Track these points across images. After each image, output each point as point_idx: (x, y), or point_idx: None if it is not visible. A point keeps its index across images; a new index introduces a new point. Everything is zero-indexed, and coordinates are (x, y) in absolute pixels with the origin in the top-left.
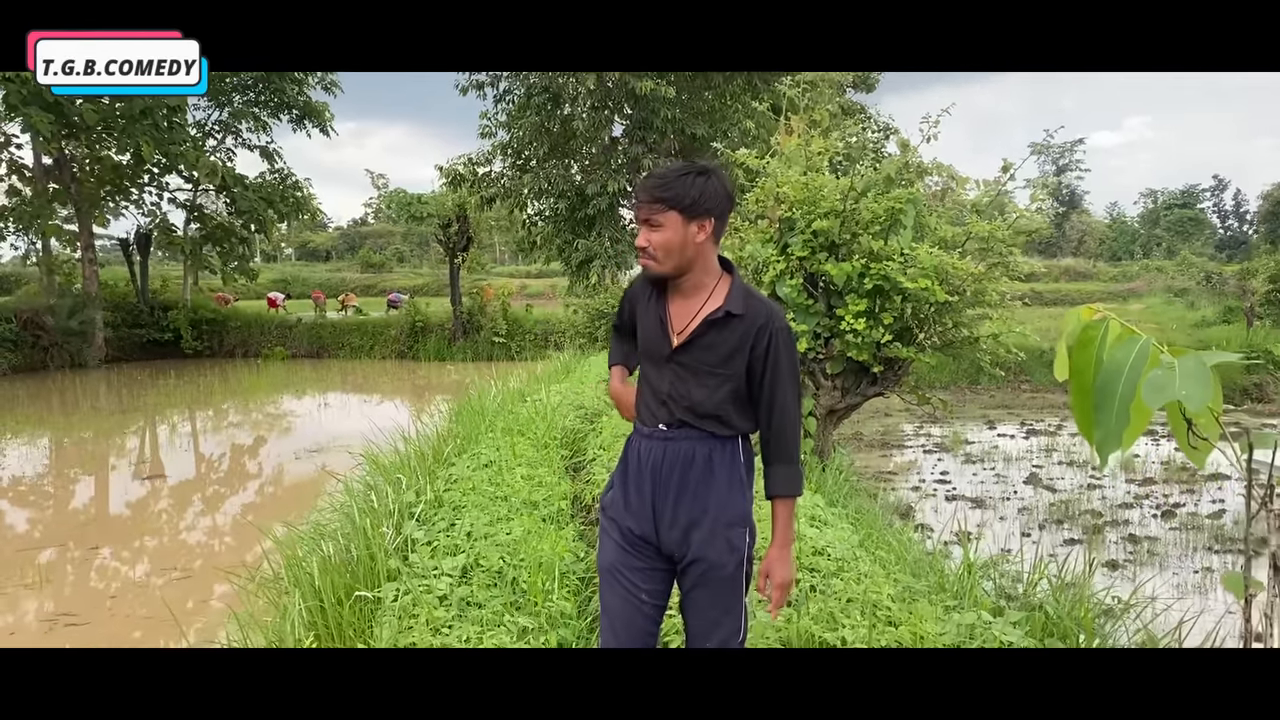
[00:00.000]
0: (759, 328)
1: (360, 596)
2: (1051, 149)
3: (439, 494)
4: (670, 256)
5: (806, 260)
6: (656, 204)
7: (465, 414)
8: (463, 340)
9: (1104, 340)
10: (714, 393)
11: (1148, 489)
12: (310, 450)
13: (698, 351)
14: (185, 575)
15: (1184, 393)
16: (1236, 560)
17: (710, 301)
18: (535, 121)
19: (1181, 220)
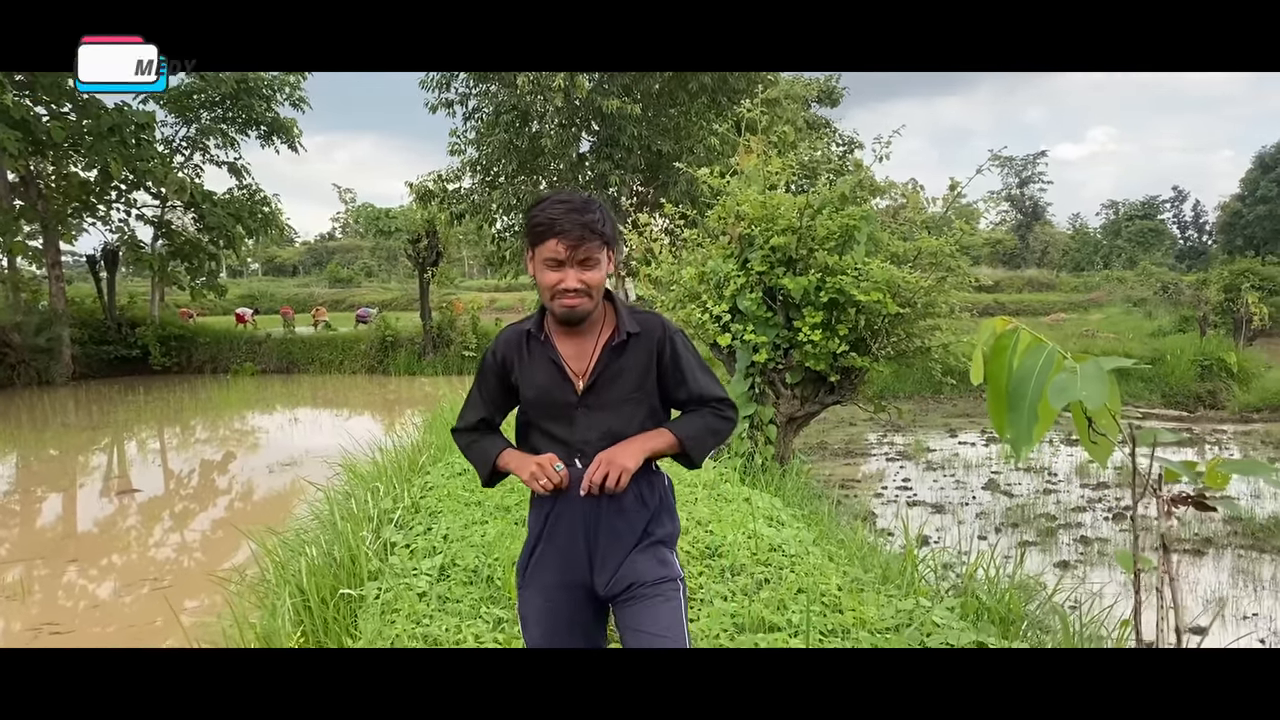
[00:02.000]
0: (658, 340)
1: (345, 594)
2: (1014, 161)
3: (415, 500)
4: (599, 294)
5: (765, 275)
6: (594, 239)
7: (438, 425)
8: (433, 354)
9: (1015, 348)
10: (632, 419)
11: (1100, 493)
12: (283, 464)
13: (607, 385)
14: (161, 586)
15: (1084, 394)
16: (1181, 559)
17: (603, 331)
18: (504, 139)
19: (1142, 231)
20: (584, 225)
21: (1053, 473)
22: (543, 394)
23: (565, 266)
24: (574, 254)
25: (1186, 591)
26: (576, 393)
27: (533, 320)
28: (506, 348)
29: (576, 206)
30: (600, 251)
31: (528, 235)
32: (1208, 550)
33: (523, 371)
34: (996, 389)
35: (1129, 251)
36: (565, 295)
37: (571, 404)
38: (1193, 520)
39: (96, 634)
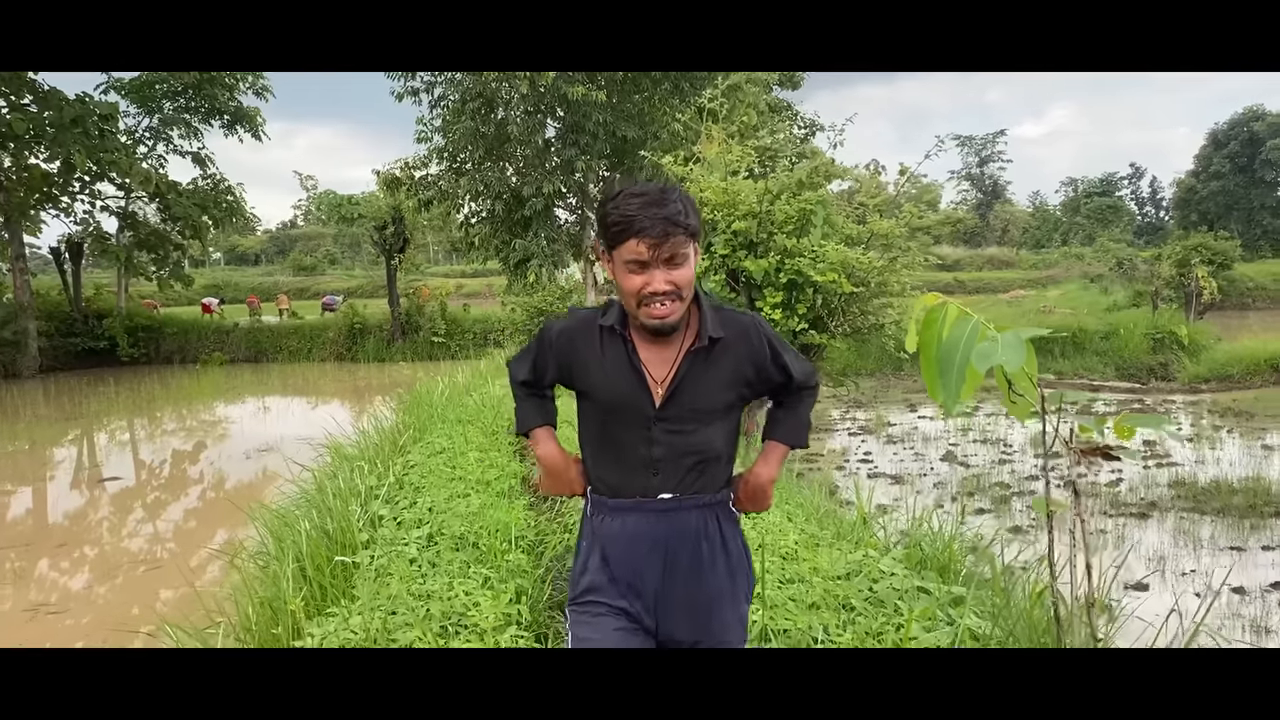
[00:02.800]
0: (756, 346)
1: (340, 561)
2: (974, 141)
3: (399, 477)
4: (689, 295)
5: (728, 258)
6: (679, 233)
7: (416, 407)
8: (402, 341)
9: (944, 320)
10: (720, 432)
11: (1053, 462)
12: (259, 450)
13: (689, 397)
14: (158, 565)
15: (1003, 359)
16: (1128, 521)
17: (687, 335)
18: (470, 126)
19: (1101, 208)
20: (666, 220)
21: (1008, 444)
22: (618, 402)
23: (650, 268)
24: (658, 253)
25: (1135, 552)
26: (654, 403)
27: (613, 314)
28: (580, 335)
29: (654, 199)
30: (687, 246)
31: (603, 236)
32: (1152, 514)
33: (593, 370)
34: (928, 356)
35: (1088, 228)
36: (654, 302)
37: (649, 416)
38: (1140, 486)
39: (98, 612)
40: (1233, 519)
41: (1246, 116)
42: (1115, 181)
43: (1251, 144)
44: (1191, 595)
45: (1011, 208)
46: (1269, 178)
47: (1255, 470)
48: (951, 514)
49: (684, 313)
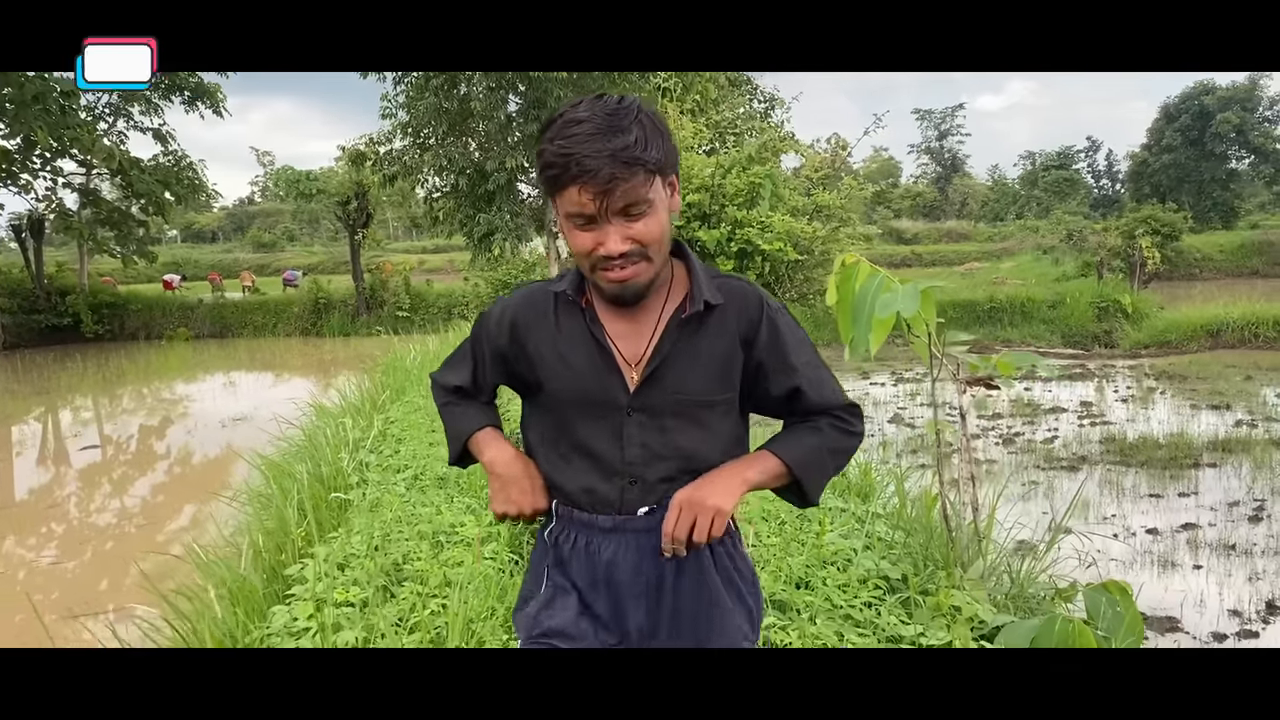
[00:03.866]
0: (752, 315)
1: (336, 498)
2: (933, 115)
3: (382, 430)
4: (662, 252)
5: (683, 228)
6: (635, 171)
7: (392, 371)
8: (367, 315)
9: (857, 275)
10: (716, 433)
11: (995, 422)
12: (234, 419)
13: (675, 379)
14: (147, 523)
15: (902, 306)
16: (1062, 475)
17: (670, 300)
18: (433, 102)
19: (1058, 181)
20: (615, 157)
21: (954, 406)
22: (578, 389)
23: (600, 222)
24: (608, 202)
25: (1058, 499)
26: (628, 388)
27: (568, 279)
28: (523, 309)
29: (601, 126)
30: (647, 187)
31: (541, 181)
32: (1082, 466)
33: (545, 352)
34: (843, 306)
35: (1045, 201)
36: (609, 266)
37: (619, 405)
38: (1073, 442)
39: (109, 558)
40: (1155, 470)
41: (1197, 90)
42: (1072, 155)
43: (1202, 117)
44: (1110, 536)
45: (970, 181)
46: (1218, 151)
47: (1181, 427)
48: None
49: (659, 271)
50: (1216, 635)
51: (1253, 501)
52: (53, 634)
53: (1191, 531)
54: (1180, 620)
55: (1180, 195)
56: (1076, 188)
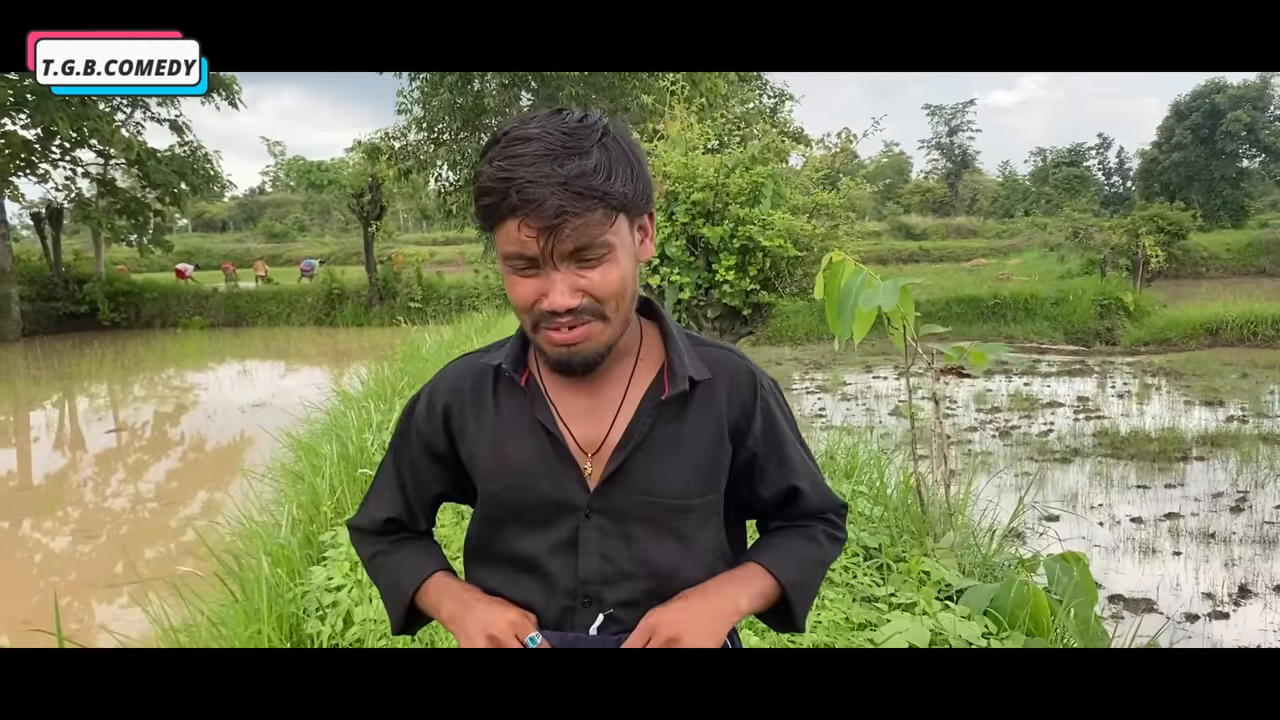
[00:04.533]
0: (745, 397)
1: (362, 473)
2: (944, 110)
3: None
4: (623, 310)
5: (688, 225)
6: (598, 209)
7: (410, 359)
8: (379, 306)
9: (843, 272)
10: (694, 545)
11: (992, 416)
12: (253, 405)
13: (646, 477)
14: (170, 503)
15: (882, 300)
16: (1054, 467)
17: (640, 372)
18: (448, 98)
19: (1068, 178)
20: (565, 185)
21: (953, 400)
22: (518, 486)
23: (544, 268)
24: (555, 242)
25: (1050, 490)
26: (585, 486)
27: (506, 350)
28: (454, 392)
29: (552, 146)
30: (605, 226)
31: (476, 212)
32: (1074, 459)
33: (480, 443)
34: (830, 300)
35: (1056, 198)
36: (554, 325)
37: (572, 507)
38: (1068, 436)
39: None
40: (1145, 463)
41: (1208, 89)
42: (1083, 151)
43: (1213, 116)
44: (1095, 524)
45: (980, 177)
46: (1229, 149)
47: (1173, 422)
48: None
49: (617, 333)
50: (1189, 615)
51: (1236, 493)
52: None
53: (1174, 520)
54: (1156, 601)
55: (1190, 193)
56: (1087, 185)
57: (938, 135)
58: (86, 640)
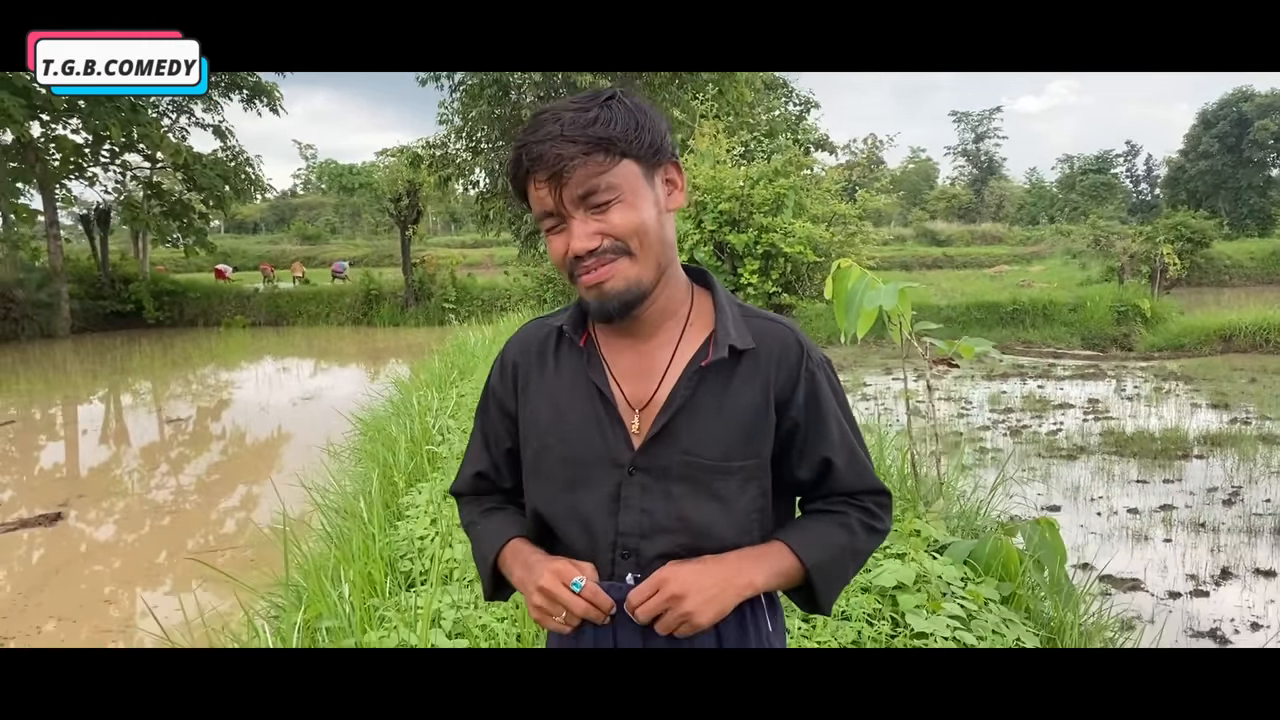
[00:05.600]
0: (791, 368)
1: (429, 450)
2: (970, 117)
3: (456, 401)
4: (650, 250)
5: (716, 232)
6: (597, 153)
7: (457, 353)
8: (415, 307)
9: (849, 275)
10: (732, 507)
11: (1005, 416)
12: (303, 398)
13: (689, 436)
14: (247, 481)
15: (884, 301)
16: (1060, 463)
17: (689, 337)
18: (486, 109)
19: (1095, 185)
20: (565, 136)
21: (969, 401)
22: (571, 439)
23: (565, 219)
24: (564, 189)
25: (1054, 484)
26: (631, 444)
27: (567, 314)
28: (521, 353)
29: (563, 110)
30: (613, 171)
31: (512, 188)
32: (1080, 456)
33: (538, 397)
34: (838, 301)
35: (1083, 205)
36: (583, 269)
37: (618, 463)
38: (1075, 434)
39: (235, 503)
40: (1146, 460)
41: (1235, 97)
42: (1110, 159)
43: (1240, 124)
44: (1094, 514)
45: (1006, 184)
46: (1256, 158)
47: (1178, 423)
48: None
49: (649, 281)
50: (1171, 593)
51: (1230, 488)
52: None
53: (1167, 511)
54: (1143, 581)
55: (1217, 202)
56: (1114, 192)
57: (964, 142)
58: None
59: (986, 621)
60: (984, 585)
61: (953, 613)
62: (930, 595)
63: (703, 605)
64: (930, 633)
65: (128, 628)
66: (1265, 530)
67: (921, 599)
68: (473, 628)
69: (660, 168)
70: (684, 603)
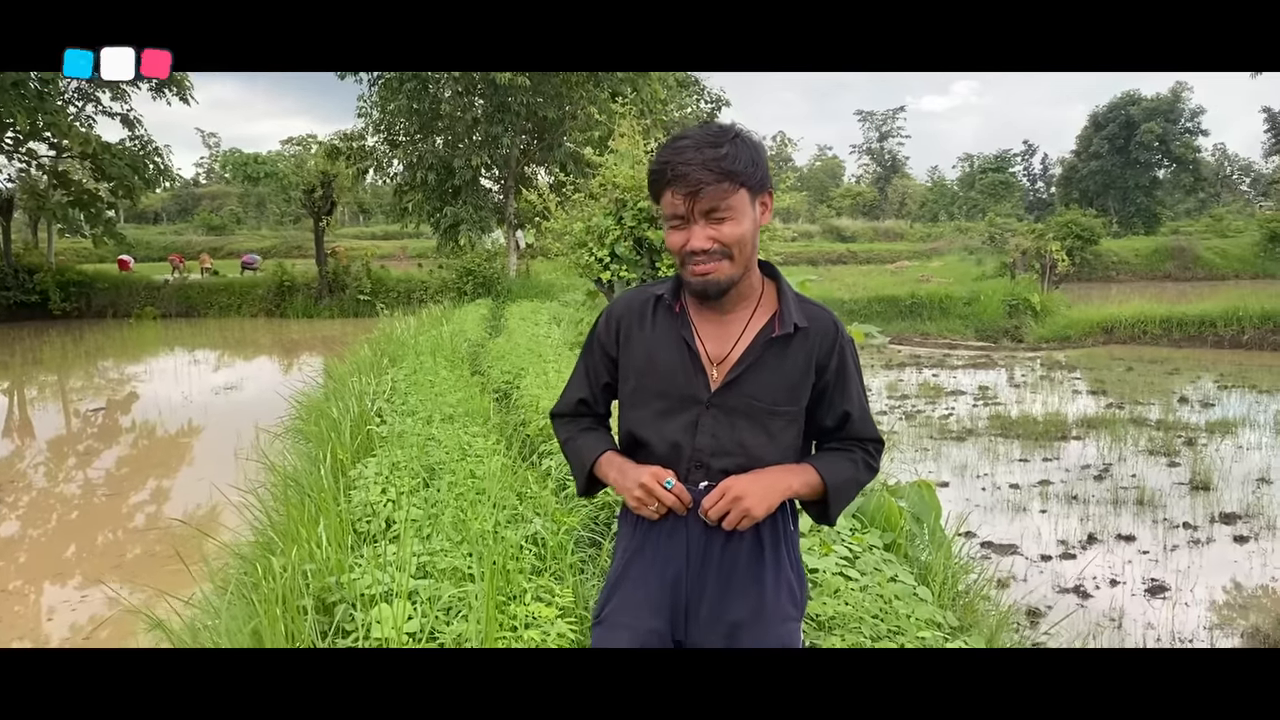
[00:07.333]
0: (830, 342)
1: (371, 430)
2: (875, 116)
3: (390, 386)
4: (744, 256)
5: (635, 228)
6: (722, 181)
7: (386, 342)
8: (329, 299)
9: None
10: (778, 439)
11: (901, 402)
12: (225, 388)
13: (752, 386)
14: (183, 465)
15: None
16: (950, 444)
17: (758, 314)
18: (405, 103)
19: (994, 183)
20: (705, 165)
21: (868, 388)
22: (664, 379)
23: (690, 223)
24: (696, 204)
25: (943, 463)
26: (709, 386)
27: (667, 285)
28: (626, 311)
29: (700, 141)
30: (733, 196)
31: (649, 187)
32: (968, 438)
33: (636, 347)
34: None
35: (982, 203)
36: (694, 261)
37: (699, 400)
38: (965, 419)
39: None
40: (1029, 441)
41: (1124, 100)
42: (1009, 158)
43: (1128, 126)
44: (979, 489)
45: (909, 182)
46: (1142, 159)
47: (1059, 408)
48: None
49: (737, 276)
50: (1043, 556)
51: (1102, 465)
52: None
53: (1045, 486)
54: (1019, 546)
55: (1107, 201)
56: (1012, 190)
57: (869, 140)
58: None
59: (868, 561)
60: (869, 534)
61: (841, 554)
62: (823, 541)
63: (757, 502)
64: (822, 569)
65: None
66: (1129, 501)
67: (815, 543)
68: (440, 566)
69: (761, 194)
70: (744, 501)
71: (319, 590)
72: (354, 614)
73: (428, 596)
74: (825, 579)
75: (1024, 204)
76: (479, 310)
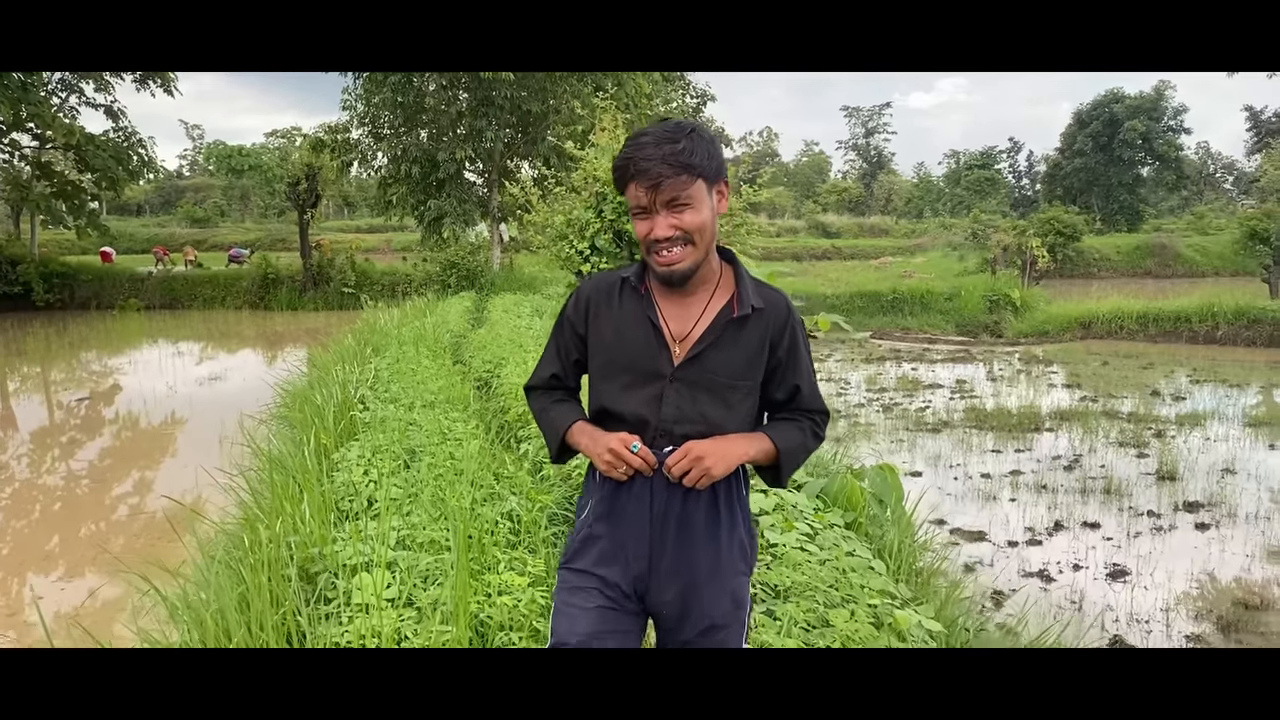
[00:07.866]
0: (781, 322)
1: (354, 416)
2: (861, 112)
3: (373, 375)
4: (704, 241)
5: (615, 221)
6: (683, 174)
7: (369, 332)
8: (313, 291)
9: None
10: (736, 410)
11: (879, 395)
12: (210, 378)
13: (713, 362)
14: (170, 452)
15: None
16: (925, 436)
17: (717, 296)
18: (390, 96)
19: (979, 180)
20: (664, 159)
21: (847, 382)
22: (630, 356)
23: (652, 213)
24: (658, 196)
25: (918, 453)
26: (672, 362)
27: (632, 269)
28: (595, 292)
29: (659, 137)
30: (691, 187)
31: (614, 181)
32: (944, 430)
33: (607, 324)
34: None
35: (967, 199)
36: (659, 248)
37: (663, 375)
38: (942, 411)
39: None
40: (1002, 433)
41: (1107, 98)
42: (995, 155)
43: (1111, 124)
44: (951, 479)
45: (895, 178)
46: (1126, 156)
47: (1034, 400)
48: None
49: (700, 261)
50: (1010, 542)
51: (1072, 455)
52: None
53: (1015, 476)
54: (988, 533)
55: (1090, 198)
56: (997, 187)
57: (855, 136)
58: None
59: (828, 538)
60: (830, 514)
61: (803, 531)
62: (786, 518)
63: (716, 461)
64: (784, 544)
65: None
66: (1096, 490)
67: (779, 519)
68: (418, 540)
69: (717, 183)
70: (705, 461)
71: (303, 561)
72: (336, 582)
73: (406, 566)
74: (786, 553)
75: (1009, 201)
76: (462, 303)
